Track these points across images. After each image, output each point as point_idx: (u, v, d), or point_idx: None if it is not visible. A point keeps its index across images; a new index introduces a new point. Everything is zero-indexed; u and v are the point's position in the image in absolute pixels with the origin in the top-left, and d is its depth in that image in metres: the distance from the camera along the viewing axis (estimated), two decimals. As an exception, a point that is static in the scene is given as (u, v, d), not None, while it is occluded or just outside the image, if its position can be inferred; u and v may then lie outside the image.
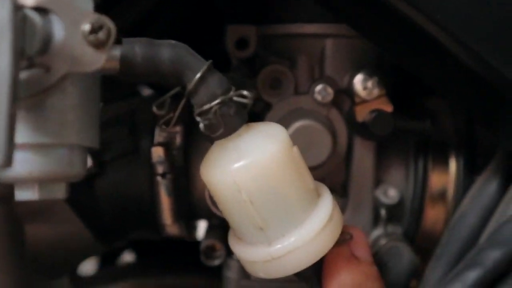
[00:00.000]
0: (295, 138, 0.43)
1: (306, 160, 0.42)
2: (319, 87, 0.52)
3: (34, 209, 0.54)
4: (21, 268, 0.51)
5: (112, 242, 0.61)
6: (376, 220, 0.57)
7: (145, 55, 0.34)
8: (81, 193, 0.55)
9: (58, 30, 0.27)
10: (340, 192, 0.56)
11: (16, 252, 0.51)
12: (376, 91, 0.51)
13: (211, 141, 0.39)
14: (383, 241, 0.54)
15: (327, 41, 0.53)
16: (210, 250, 0.57)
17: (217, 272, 0.89)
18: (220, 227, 0.59)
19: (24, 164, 0.32)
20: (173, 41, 0.35)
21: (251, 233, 0.39)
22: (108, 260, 1.00)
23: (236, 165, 0.36)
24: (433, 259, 0.51)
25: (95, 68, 0.28)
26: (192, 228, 0.62)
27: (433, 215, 0.57)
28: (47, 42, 0.27)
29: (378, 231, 0.56)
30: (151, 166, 0.54)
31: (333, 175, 0.56)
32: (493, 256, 0.46)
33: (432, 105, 0.59)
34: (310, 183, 0.40)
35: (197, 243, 0.95)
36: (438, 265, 0.50)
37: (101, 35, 0.28)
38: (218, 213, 0.53)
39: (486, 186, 0.52)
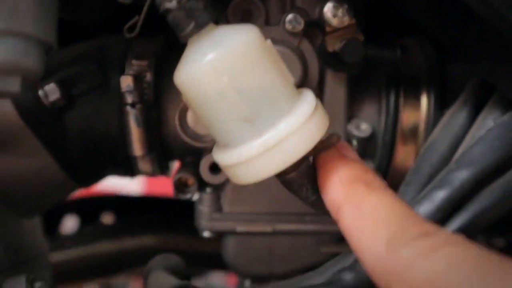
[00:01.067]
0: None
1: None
2: (289, 17, 0.52)
3: (0, 140, 0.54)
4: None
5: (84, 180, 0.60)
6: (348, 155, 0.57)
7: None
8: (49, 126, 0.55)
9: None
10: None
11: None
12: (346, 19, 0.51)
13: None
14: (354, 174, 0.54)
15: (298, -29, 0.53)
16: (182, 185, 0.57)
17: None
18: (193, 164, 0.59)
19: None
20: None
21: (239, 131, 0.36)
22: (87, 221, 1.00)
23: (213, 54, 0.35)
24: (403, 185, 0.51)
25: None
26: (166, 168, 0.62)
27: (404, 151, 0.58)
28: None
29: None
30: (120, 97, 0.53)
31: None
32: (461, 176, 0.46)
33: (403, 42, 0.59)
34: (289, 76, 0.39)
35: (176, 202, 0.96)
36: (408, 190, 0.50)
37: None
38: (187, 140, 0.53)
39: (456, 116, 0.52)
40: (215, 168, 0.54)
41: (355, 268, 0.44)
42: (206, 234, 0.58)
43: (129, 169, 0.60)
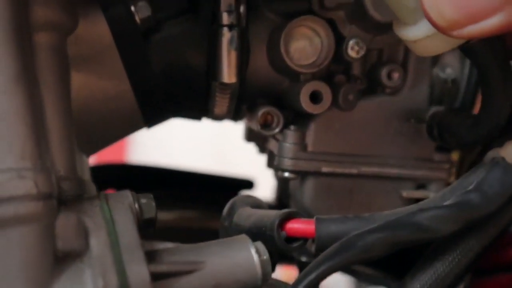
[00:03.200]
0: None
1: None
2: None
3: (85, 55, 0.49)
4: (68, 109, 0.45)
5: (151, 117, 0.57)
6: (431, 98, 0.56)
7: None
8: (135, 47, 0.51)
9: None
10: (400, 69, 0.55)
11: (65, 90, 0.46)
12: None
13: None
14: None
15: None
16: (267, 120, 0.54)
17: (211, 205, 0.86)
18: (273, 102, 0.56)
19: None
20: None
21: None
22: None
23: None
24: None
25: None
26: (237, 113, 0.59)
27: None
28: None
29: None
30: (214, 19, 0.50)
31: (393, 50, 0.55)
32: None
33: None
34: None
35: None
36: None
37: None
38: (291, 65, 0.50)
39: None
40: (316, 97, 0.51)
41: (481, 189, 0.43)
42: (287, 174, 0.55)
43: (200, 109, 0.57)
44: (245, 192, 0.96)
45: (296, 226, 0.44)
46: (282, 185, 0.72)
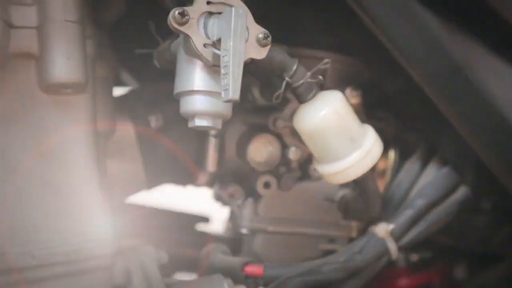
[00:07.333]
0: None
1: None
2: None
3: (115, 149, 0.75)
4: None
5: (153, 184, 0.82)
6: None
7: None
8: (150, 141, 0.77)
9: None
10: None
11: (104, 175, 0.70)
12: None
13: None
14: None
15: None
16: (232, 193, 0.81)
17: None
18: (236, 179, 0.84)
19: (205, 103, 0.56)
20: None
21: (347, 148, 0.63)
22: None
23: (335, 104, 0.62)
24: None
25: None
26: (211, 183, 0.86)
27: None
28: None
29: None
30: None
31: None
32: (419, 202, 0.77)
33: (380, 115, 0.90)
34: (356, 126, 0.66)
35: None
36: (387, 209, 0.80)
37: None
38: (255, 165, 0.78)
39: (414, 165, 0.84)
40: (267, 185, 0.79)
41: (362, 252, 0.73)
42: (244, 231, 0.82)
43: (187, 180, 0.84)
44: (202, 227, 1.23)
45: (252, 269, 0.72)
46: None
